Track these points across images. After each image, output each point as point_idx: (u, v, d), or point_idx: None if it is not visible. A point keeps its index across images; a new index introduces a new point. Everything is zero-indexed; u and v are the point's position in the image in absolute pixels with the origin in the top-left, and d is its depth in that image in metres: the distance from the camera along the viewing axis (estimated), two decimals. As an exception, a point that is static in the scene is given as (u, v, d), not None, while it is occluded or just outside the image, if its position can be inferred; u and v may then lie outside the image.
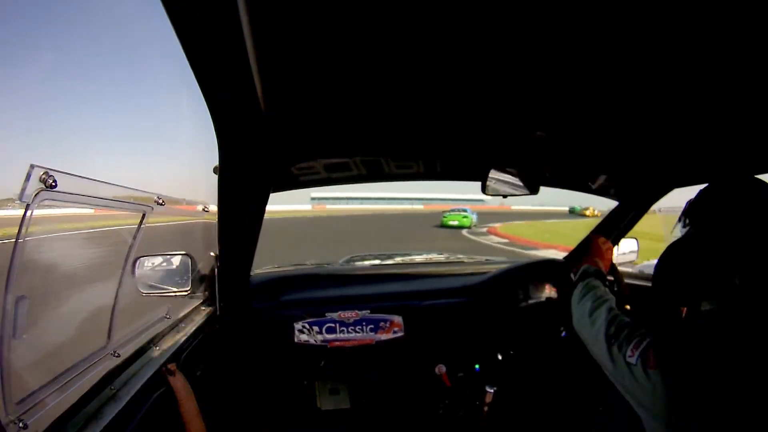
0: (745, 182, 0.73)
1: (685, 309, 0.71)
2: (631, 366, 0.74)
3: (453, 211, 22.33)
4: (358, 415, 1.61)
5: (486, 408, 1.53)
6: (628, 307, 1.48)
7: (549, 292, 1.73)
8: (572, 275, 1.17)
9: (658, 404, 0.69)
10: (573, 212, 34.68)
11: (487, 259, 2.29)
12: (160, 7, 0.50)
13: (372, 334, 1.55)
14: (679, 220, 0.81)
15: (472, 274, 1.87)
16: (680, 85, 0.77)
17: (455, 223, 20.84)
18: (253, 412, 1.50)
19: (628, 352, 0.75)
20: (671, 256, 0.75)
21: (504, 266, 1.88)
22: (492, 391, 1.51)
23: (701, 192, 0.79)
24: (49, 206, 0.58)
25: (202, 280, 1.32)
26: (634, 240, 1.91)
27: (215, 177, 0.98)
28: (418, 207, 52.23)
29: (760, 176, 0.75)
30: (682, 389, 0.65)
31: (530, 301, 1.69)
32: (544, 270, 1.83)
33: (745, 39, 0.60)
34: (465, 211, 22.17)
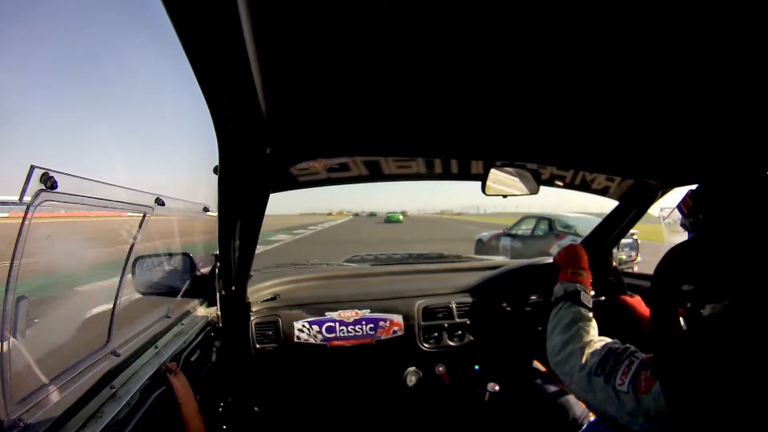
0: (758, 178, 0.71)
1: (683, 311, 0.67)
2: (620, 394, 0.73)
3: (391, 212, 38.67)
4: (357, 414, 1.62)
5: (486, 407, 1.53)
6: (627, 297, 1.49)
7: (549, 292, 1.73)
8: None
9: (652, 425, 0.68)
10: (390, 220, 38.77)
11: (487, 259, 2.29)
12: (160, 8, 0.50)
13: (372, 333, 1.55)
14: (686, 214, 0.77)
15: (472, 273, 1.87)
16: (681, 83, 0.76)
17: (394, 219, 36.97)
18: (253, 412, 1.50)
19: (618, 381, 0.74)
20: (676, 256, 0.72)
21: (504, 266, 1.88)
22: (494, 390, 1.51)
23: (710, 186, 0.76)
24: (50, 207, 0.58)
25: (202, 280, 1.32)
26: (634, 240, 1.92)
27: (215, 177, 0.98)
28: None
29: None
30: (687, 406, 0.63)
31: (530, 301, 1.69)
32: (545, 270, 1.83)
33: (746, 39, 0.60)
34: (397, 212, 39.22)
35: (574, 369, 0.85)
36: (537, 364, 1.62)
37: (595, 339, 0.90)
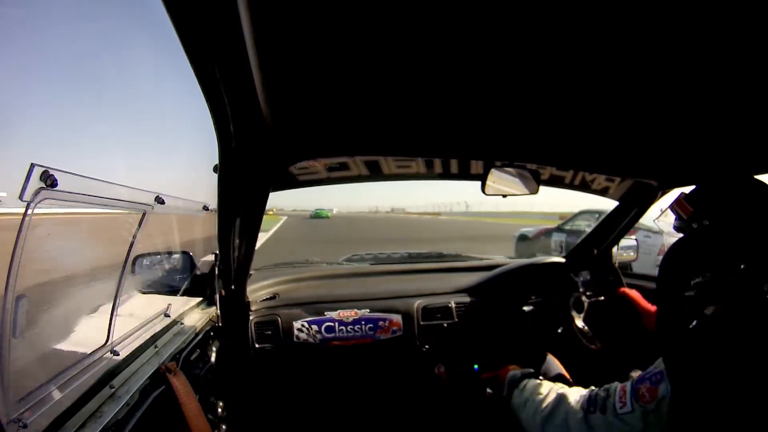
0: (752, 182, 0.71)
1: (687, 311, 0.67)
2: (625, 417, 0.73)
3: (319, 209, 42.16)
4: (357, 414, 1.62)
5: (485, 408, 1.53)
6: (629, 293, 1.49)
7: (549, 292, 1.73)
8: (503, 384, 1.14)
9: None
10: (319, 216, 40.07)
11: (487, 259, 2.29)
12: (160, 8, 0.50)
13: (371, 333, 1.55)
14: (686, 218, 0.76)
15: (472, 273, 1.87)
16: (680, 83, 0.76)
17: (323, 215, 39.13)
18: (253, 411, 1.50)
19: (618, 405, 0.74)
20: (678, 255, 0.71)
21: (504, 266, 1.88)
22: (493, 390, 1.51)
23: (712, 189, 0.76)
24: (50, 205, 0.58)
25: (201, 279, 1.32)
26: (634, 240, 1.92)
27: (215, 176, 0.98)
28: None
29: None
30: (695, 400, 0.63)
31: (530, 301, 1.69)
32: (545, 270, 1.83)
33: (745, 40, 0.60)
34: (324, 209, 42.13)
35: (568, 419, 0.84)
36: (551, 358, 1.60)
37: (567, 389, 0.90)
